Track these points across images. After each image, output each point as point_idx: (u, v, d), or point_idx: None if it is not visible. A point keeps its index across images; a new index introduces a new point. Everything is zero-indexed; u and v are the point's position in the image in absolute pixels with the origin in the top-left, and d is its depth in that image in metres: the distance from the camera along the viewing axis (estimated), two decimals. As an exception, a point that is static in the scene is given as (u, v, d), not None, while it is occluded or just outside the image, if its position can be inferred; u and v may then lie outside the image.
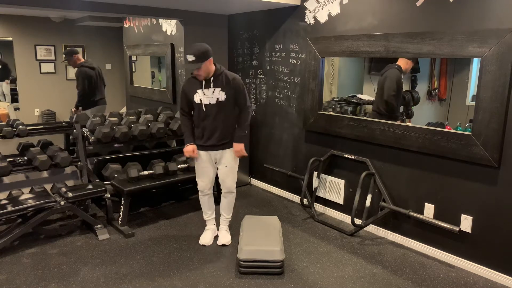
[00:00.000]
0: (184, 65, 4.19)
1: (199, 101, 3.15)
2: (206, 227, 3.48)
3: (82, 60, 5.38)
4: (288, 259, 3.10)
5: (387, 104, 3.58)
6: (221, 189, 3.39)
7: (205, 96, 3.14)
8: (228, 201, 3.41)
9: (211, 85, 3.14)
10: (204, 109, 3.14)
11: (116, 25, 7.09)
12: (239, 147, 3.23)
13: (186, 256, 3.18)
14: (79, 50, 5.53)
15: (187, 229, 3.67)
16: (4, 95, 7.25)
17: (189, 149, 3.24)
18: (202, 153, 3.25)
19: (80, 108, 5.29)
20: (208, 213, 3.45)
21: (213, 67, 3.10)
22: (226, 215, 3.45)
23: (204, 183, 3.33)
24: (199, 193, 3.38)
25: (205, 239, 3.40)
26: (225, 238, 3.42)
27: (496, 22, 2.65)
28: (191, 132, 3.29)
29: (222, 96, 3.14)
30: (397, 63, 3.58)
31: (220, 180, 3.35)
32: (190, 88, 3.20)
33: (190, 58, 3.03)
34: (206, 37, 4.88)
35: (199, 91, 3.15)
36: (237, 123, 3.25)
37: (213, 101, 3.14)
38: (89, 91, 5.34)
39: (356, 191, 3.54)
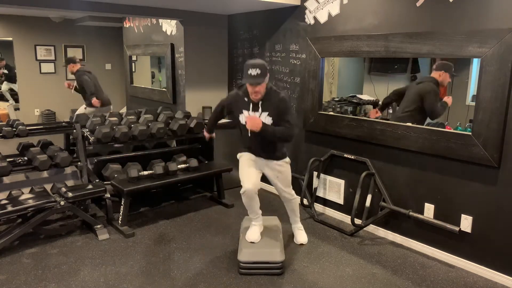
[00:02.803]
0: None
1: (244, 123, 2.95)
2: (252, 223, 3.15)
3: (79, 67, 5.75)
4: (288, 259, 3.10)
5: (436, 115, 3.54)
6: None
7: None
8: (291, 208, 3.31)
9: (259, 109, 2.89)
10: (249, 131, 2.94)
11: (116, 25, 7.09)
12: (256, 120, 2.83)
13: (186, 256, 3.18)
14: (77, 59, 5.82)
15: (187, 229, 3.67)
16: (10, 95, 7.26)
17: (206, 134, 3.52)
18: (246, 152, 3.10)
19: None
20: (254, 211, 3.09)
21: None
22: (294, 217, 3.38)
23: (249, 183, 2.91)
24: (242, 196, 2.96)
25: (254, 236, 3.06)
26: (302, 237, 3.38)
27: (496, 22, 2.65)
28: (214, 123, 3.45)
29: (268, 121, 2.89)
30: (431, 75, 3.52)
31: (278, 192, 3.24)
32: (236, 104, 2.98)
33: (255, 71, 2.70)
34: (206, 37, 4.89)
35: (245, 112, 2.94)
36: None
37: None
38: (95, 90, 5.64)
39: (356, 191, 3.54)
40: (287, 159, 3.16)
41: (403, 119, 3.48)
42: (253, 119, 2.86)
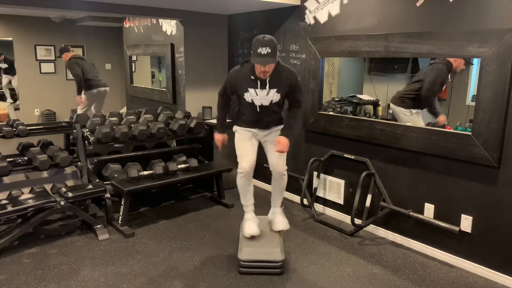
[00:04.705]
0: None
1: (250, 101, 2.83)
2: (246, 217, 3.10)
3: (72, 54, 6.01)
4: (288, 259, 3.10)
5: (426, 100, 3.47)
6: (271, 172, 3.07)
7: (258, 97, 2.80)
8: (281, 187, 3.13)
9: (267, 86, 2.76)
10: (258, 110, 2.85)
11: (116, 25, 7.09)
12: (282, 140, 2.81)
13: (186, 256, 3.18)
14: (71, 49, 6.11)
15: (187, 229, 3.67)
16: (10, 94, 7.28)
17: (219, 138, 3.10)
18: (243, 128, 3.00)
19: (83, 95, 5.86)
20: (248, 197, 3.07)
21: None
22: (279, 198, 3.20)
23: (247, 162, 2.93)
24: (238, 176, 2.99)
25: (252, 229, 3.01)
26: (283, 223, 3.13)
27: (496, 22, 2.65)
28: (225, 119, 3.07)
29: (276, 98, 2.81)
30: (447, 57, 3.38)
31: (271, 166, 3.05)
32: (240, 83, 2.82)
33: (265, 50, 2.53)
34: (206, 37, 4.89)
35: (251, 90, 2.79)
36: (288, 118, 2.94)
37: (266, 103, 2.82)
38: (85, 75, 5.87)
39: (356, 191, 3.54)
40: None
41: (404, 92, 3.48)
42: (281, 144, 2.80)
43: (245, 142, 3.00)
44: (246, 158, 2.96)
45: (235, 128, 3.10)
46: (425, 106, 3.53)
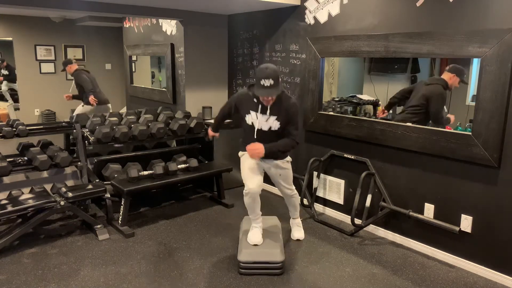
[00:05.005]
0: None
1: (250, 124, 2.97)
2: (253, 224, 3.14)
3: (76, 67, 6.05)
4: (288, 259, 3.10)
5: (440, 124, 3.46)
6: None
7: (258, 121, 2.91)
8: (292, 203, 3.36)
9: (267, 112, 2.87)
10: (255, 134, 2.95)
11: (116, 25, 7.10)
12: (256, 146, 2.85)
13: (186, 256, 3.18)
14: (73, 60, 6.13)
15: (187, 229, 3.67)
16: (10, 95, 7.29)
17: (211, 133, 3.44)
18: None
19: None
20: (256, 212, 3.09)
21: None
22: (294, 212, 3.43)
23: (252, 183, 2.95)
24: (245, 196, 3.00)
25: (256, 238, 3.06)
26: (298, 233, 3.46)
27: (496, 22, 2.66)
28: (221, 122, 3.35)
29: (275, 125, 2.90)
30: (442, 76, 3.46)
31: (279, 189, 3.30)
32: (244, 103, 2.98)
33: (268, 82, 2.64)
34: (206, 37, 4.89)
35: (252, 113, 2.92)
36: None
37: (265, 128, 2.92)
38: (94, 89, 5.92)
39: (356, 191, 3.54)
40: (289, 158, 3.18)
41: (406, 118, 3.47)
42: (253, 149, 2.85)
43: (249, 165, 3.05)
44: (251, 178, 2.99)
45: (240, 153, 3.20)
46: (438, 126, 3.52)
